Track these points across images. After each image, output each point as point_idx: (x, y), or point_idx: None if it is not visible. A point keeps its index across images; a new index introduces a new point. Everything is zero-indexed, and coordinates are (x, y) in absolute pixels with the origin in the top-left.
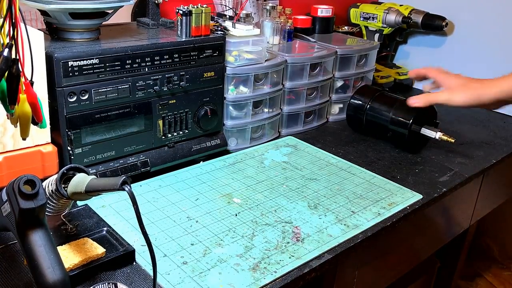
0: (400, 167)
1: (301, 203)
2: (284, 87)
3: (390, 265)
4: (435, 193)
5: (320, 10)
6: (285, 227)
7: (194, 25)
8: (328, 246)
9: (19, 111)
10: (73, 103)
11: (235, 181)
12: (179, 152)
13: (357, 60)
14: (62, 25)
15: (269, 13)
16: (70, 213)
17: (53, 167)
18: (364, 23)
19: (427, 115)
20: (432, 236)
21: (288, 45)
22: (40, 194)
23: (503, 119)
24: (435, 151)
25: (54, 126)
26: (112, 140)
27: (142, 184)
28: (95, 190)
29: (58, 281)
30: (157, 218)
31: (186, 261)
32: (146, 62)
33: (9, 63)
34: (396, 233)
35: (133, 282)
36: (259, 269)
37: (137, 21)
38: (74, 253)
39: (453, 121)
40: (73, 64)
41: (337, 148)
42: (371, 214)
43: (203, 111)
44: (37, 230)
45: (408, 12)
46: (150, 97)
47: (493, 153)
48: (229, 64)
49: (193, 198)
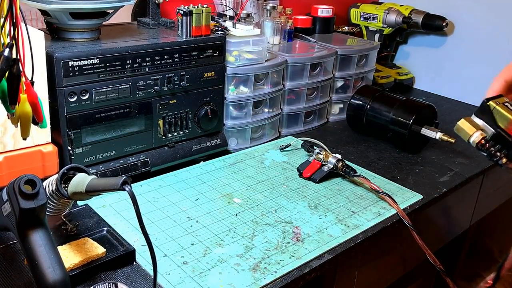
0: (400, 167)
1: (301, 203)
2: (284, 87)
3: (390, 265)
4: (435, 193)
5: (321, 10)
6: (285, 227)
7: (194, 25)
8: (328, 246)
9: (19, 111)
10: (74, 103)
11: (235, 181)
12: (179, 152)
13: (358, 60)
14: (63, 25)
15: (270, 13)
16: (70, 213)
17: (53, 167)
18: (364, 23)
19: (427, 115)
20: (432, 236)
21: (289, 45)
22: (41, 194)
23: None
24: (435, 151)
25: (55, 126)
26: (113, 140)
27: (142, 184)
28: (96, 190)
29: (58, 281)
30: (157, 218)
31: (186, 261)
32: (146, 62)
33: (10, 63)
34: (396, 233)
35: (133, 282)
36: (259, 269)
37: (137, 21)
38: (74, 253)
39: (453, 121)
40: (74, 64)
41: (338, 148)
42: (371, 214)
43: (204, 111)
44: (37, 230)
45: (409, 12)
46: (151, 97)
47: None
48: (229, 64)
49: (194, 198)
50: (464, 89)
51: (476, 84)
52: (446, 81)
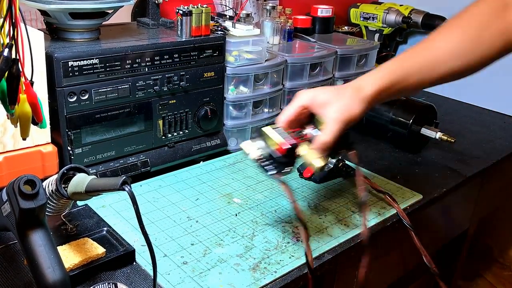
0: (400, 167)
1: (301, 203)
2: (284, 87)
3: (390, 265)
4: (435, 193)
5: (320, 10)
6: (285, 227)
7: (194, 25)
8: (328, 246)
9: (19, 111)
10: (73, 103)
11: (235, 181)
12: (179, 152)
13: (357, 60)
14: (62, 25)
15: (269, 13)
16: (70, 213)
17: (53, 167)
18: (364, 23)
19: (427, 115)
20: (432, 236)
21: (288, 45)
22: (40, 194)
23: (503, 119)
24: (435, 151)
25: (54, 126)
26: (112, 140)
27: (142, 184)
28: (95, 190)
29: (58, 281)
30: (157, 218)
31: (186, 261)
32: (146, 62)
33: (9, 63)
34: (396, 233)
35: (133, 282)
36: (259, 269)
37: (137, 21)
38: (74, 253)
39: (453, 121)
40: (73, 64)
41: None
42: (371, 214)
43: (203, 111)
44: (37, 230)
45: (408, 12)
46: (150, 97)
47: (493, 153)
48: (229, 64)
49: (193, 198)
50: (464, 89)
51: (476, 84)
52: None
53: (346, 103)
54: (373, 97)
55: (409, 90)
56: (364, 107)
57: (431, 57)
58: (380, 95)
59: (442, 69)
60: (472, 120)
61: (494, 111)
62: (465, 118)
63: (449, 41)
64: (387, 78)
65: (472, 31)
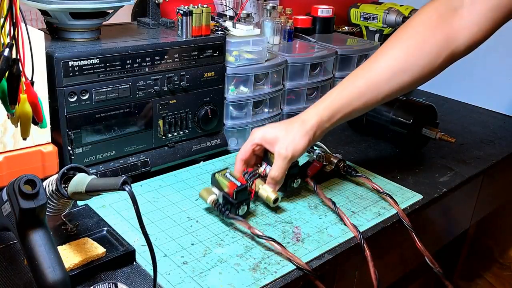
0: (400, 167)
1: (301, 203)
2: (284, 87)
3: (390, 265)
4: (435, 193)
5: (320, 10)
6: (285, 227)
7: (194, 25)
8: (328, 246)
9: (19, 111)
10: (74, 103)
11: None
12: (179, 152)
13: (358, 60)
14: (63, 25)
15: (270, 13)
16: (70, 213)
17: (53, 167)
18: (364, 23)
19: (427, 115)
20: (432, 236)
21: (289, 45)
22: (41, 194)
23: (503, 119)
24: (435, 151)
25: (55, 126)
26: (113, 140)
27: (142, 184)
28: (96, 190)
29: (58, 281)
30: (157, 218)
31: (186, 261)
32: (146, 62)
33: (10, 63)
34: (396, 233)
35: (133, 282)
36: (259, 269)
37: (137, 21)
38: (74, 253)
39: (453, 121)
40: (74, 64)
41: (338, 148)
42: (371, 214)
43: (203, 111)
44: (37, 230)
45: (409, 12)
46: (150, 97)
47: (493, 153)
48: (229, 64)
49: (194, 198)
50: (464, 89)
51: (476, 84)
52: (446, 81)
53: (292, 139)
54: (315, 129)
55: (358, 112)
56: (308, 140)
57: (372, 79)
58: (324, 125)
59: (386, 88)
60: (472, 120)
61: (494, 111)
62: (465, 118)
63: (390, 58)
64: (328, 108)
65: (414, 43)
